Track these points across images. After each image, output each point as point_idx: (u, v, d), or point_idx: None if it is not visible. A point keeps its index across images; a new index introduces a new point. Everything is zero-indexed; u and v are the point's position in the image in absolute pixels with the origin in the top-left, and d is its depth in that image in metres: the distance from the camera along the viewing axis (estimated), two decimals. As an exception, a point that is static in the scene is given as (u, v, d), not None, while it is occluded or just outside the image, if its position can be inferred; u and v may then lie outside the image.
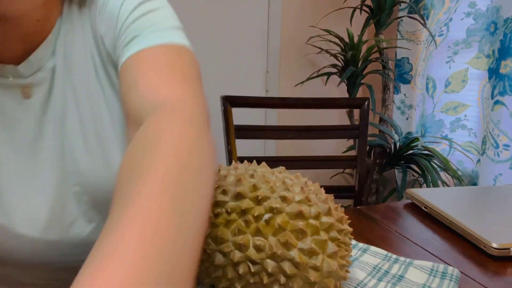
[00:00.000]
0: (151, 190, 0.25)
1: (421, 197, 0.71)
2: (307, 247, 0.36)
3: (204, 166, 0.31)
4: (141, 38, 0.43)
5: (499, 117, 1.49)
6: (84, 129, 0.48)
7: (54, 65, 0.46)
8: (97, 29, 0.47)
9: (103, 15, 0.46)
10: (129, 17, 0.45)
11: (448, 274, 0.48)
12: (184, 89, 0.39)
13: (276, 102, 1.19)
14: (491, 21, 1.58)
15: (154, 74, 0.40)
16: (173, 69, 0.41)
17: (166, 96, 0.37)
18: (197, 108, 0.37)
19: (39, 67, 0.46)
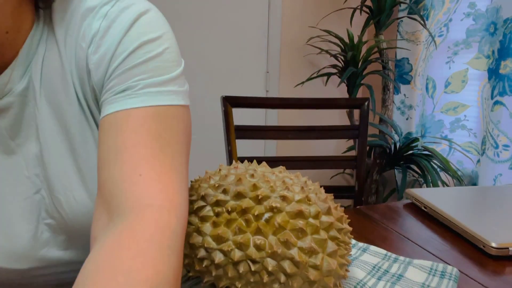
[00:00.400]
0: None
1: (420, 197, 0.71)
2: (307, 246, 0.36)
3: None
4: (134, 94, 0.40)
5: (499, 117, 1.50)
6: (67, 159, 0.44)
7: (25, 88, 0.42)
8: (86, 59, 0.42)
9: (97, 46, 0.41)
10: (126, 60, 0.41)
11: (447, 273, 0.48)
12: (155, 189, 0.35)
13: (276, 102, 1.19)
14: (491, 21, 1.58)
15: (139, 158, 0.37)
16: (152, 148, 0.37)
17: (138, 201, 0.35)
18: (174, 219, 0.34)
19: (7, 92, 0.41)
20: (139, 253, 0.30)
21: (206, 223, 0.39)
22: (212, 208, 0.39)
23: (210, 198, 0.40)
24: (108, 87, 0.41)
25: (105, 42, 0.41)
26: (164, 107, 0.40)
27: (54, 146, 0.43)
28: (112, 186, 0.36)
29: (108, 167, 0.37)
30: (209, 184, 0.41)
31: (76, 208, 0.44)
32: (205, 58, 1.98)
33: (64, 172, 0.44)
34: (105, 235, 0.32)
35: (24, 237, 0.44)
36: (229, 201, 0.39)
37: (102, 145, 0.39)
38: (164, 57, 0.42)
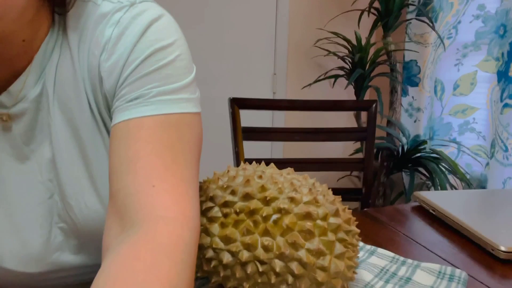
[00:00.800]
0: None
1: (429, 200, 0.71)
2: (315, 247, 0.37)
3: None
4: (146, 102, 0.40)
5: (508, 120, 1.48)
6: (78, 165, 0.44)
7: (39, 94, 0.42)
8: (98, 67, 0.42)
9: (110, 54, 0.41)
10: (138, 67, 0.41)
11: (456, 276, 0.48)
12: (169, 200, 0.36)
13: (283, 104, 1.19)
14: (500, 23, 1.57)
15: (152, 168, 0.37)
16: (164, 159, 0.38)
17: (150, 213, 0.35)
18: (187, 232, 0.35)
19: (21, 98, 0.42)
20: (153, 267, 0.30)
21: (214, 224, 0.39)
22: (220, 209, 0.40)
23: (218, 199, 0.40)
24: (120, 95, 0.41)
25: (117, 49, 0.41)
26: (176, 115, 0.40)
27: (66, 152, 0.44)
28: (125, 197, 0.36)
29: (121, 176, 0.37)
30: (217, 185, 0.42)
31: (87, 213, 0.44)
32: (212, 60, 1.99)
33: (75, 178, 0.44)
34: (118, 245, 0.33)
35: (37, 241, 0.44)
36: (237, 202, 0.39)
37: (114, 154, 0.39)
38: (176, 64, 0.42)
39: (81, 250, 0.47)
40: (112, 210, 0.37)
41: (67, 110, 0.43)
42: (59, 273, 0.47)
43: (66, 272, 0.47)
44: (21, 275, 0.45)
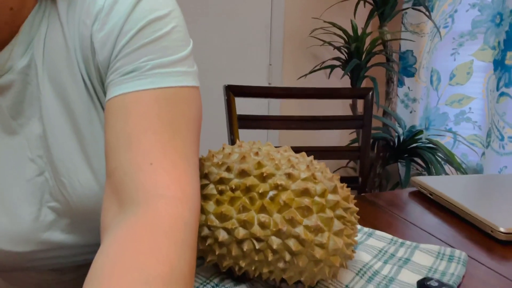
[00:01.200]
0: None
1: (426, 184, 0.70)
2: (313, 224, 0.35)
3: None
4: (142, 75, 0.38)
5: (504, 109, 1.48)
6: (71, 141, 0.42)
7: (26, 65, 0.41)
8: (90, 37, 0.40)
9: (102, 24, 0.40)
10: (133, 39, 0.39)
11: (456, 257, 0.47)
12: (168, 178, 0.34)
13: (279, 92, 1.18)
14: (497, 12, 1.56)
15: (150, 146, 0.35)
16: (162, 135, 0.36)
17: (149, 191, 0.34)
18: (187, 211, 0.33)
19: (8, 69, 0.40)
20: (154, 248, 0.29)
21: (209, 202, 0.38)
22: (215, 186, 0.39)
23: (213, 176, 0.39)
24: (115, 68, 0.39)
25: (110, 19, 0.39)
26: (174, 88, 0.39)
27: (58, 127, 0.42)
28: (122, 175, 0.35)
29: (118, 154, 0.36)
30: (212, 162, 0.40)
31: (80, 191, 0.43)
32: (207, 51, 1.96)
33: (68, 154, 0.42)
34: (117, 226, 0.31)
35: (26, 219, 0.43)
36: (233, 179, 0.38)
37: (110, 130, 0.37)
38: (173, 36, 0.40)
39: (73, 229, 0.45)
40: (109, 189, 0.36)
41: (58, 83, 0.41)
42: (50, 253, 0.46)
43: (58, 251, 0.46)
44: (11, 255, 0.43)
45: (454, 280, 0.43)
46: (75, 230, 0.46)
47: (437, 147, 1.67)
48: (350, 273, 0.43)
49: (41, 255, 0.45)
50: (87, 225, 0.45)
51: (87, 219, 0.44)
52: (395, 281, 0.43)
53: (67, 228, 0.45)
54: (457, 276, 0.44)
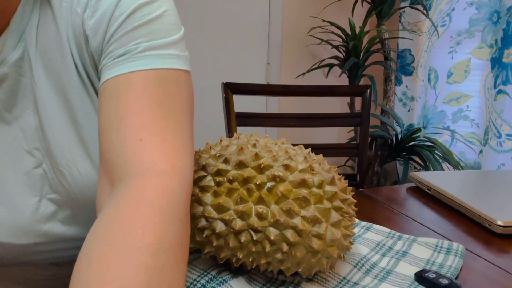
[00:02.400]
0: None
1: (425, 180, 0.70)
2: (310, 215, 0.35)
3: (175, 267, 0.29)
4: (134, 57, 0.38)
5: (502, 106, 1.48)
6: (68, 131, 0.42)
7: (19, 57, 0.40)
8: (82, 25, 0.40)
9: (93, 10, 0.40)
10: (125, 23, 0.39)
11: (453, 249, 0.47)
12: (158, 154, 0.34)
13: (277, 89, 1.18)
14: (494, 10, 1.56)
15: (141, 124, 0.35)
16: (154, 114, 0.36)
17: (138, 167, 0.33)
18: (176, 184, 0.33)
19: (0, 62, 0.40)
20: (138, 220, 0.29)
21: (207, 193, 0.38)
22: (213, 178, 0.38)
23: (210, 168, 0.39)
24: (107, 52, 0.40)
25: (101, 5, 0.40)
26: (166, 70, 0.39)
27: (55, 117, 0.42)
28: (113, 154, 0.35)
29: (110, 135, 0.36)
30: (209, 154, 0.40)
31: (80, 181, 0.43)
32: (206, 50, 1.96)
33: (66, 144, 0.42)
34: (106, 205, 0.31)
35: (26, 211, 0.43)
36: (230, 170, 0.38)
37: (102, 113, 0.37)
38: (164, 19, 0.41)
39: (74, 221, 0.45)
40: (102, 170, 0.36)
41: (53, 73, 0.41)
42: (50, 246, 0.45)
43: (58, 244, 0.46)
44: (11, 247, 0.43)
45: (451, 272, 0.43)
46: (76, 222, 0.45)
47: (435, 145, 1.68)
48: (347, 265, 0.43)
49: (41, 248, 0.45)
50: (87, 217, 0.45)
51: (87, 210, 0.44)
52: (393, 273, 0.43)
53: (68, 220, 0.45)
54: (454, 268, 0.44)
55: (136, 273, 0.26)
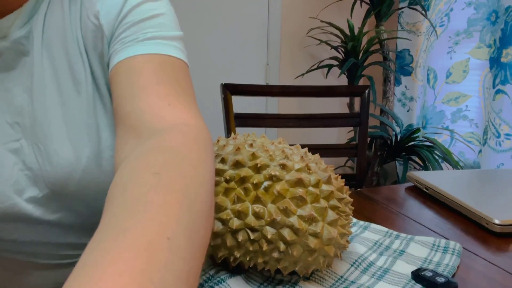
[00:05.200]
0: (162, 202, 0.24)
1: (422, 179, 0.70)
2: (307, 214, 0.36)
3: (207, 183, 0.30)
4: (146, 43, 0.42)
5: (501, 106, 1.49)
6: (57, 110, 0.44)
7: (24, 36, 0.43)
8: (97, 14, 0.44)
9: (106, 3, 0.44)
10: (132, 13, 0.44)
11: (450, 248, 0.48)
12: (187, 114, 0.38)
13: (276, 90, 1.18)
14: (492, 10, 1.57)
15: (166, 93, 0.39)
16: (174, 88, 0.40)
17: (170, 121, 0.36)
18: (201, 131, 0.36)
19: (2, 36, 0.43)
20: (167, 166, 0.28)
21: (204, 193, 0.38)
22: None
23: (208, 168, 0.39)
24: (118, 39, 0.43)
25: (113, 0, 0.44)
26: (175, 58, 0.43)
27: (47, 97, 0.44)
28: (141, 114, 0.37)
29: (132, 100, 0.39)
30: (207, 155, 0.40)
31: (55, 159, 0.44)
32: (205, 51, 1.97)
33: (49, 122, 0.44)
34: (135, 150, 0.32)
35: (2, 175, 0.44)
36: (227, 170, 0.38)
37: (120, 86, 0.40)
38: (167, 17, 0.45)
39: (43, 202, 0.46)
40: (124, 130, 0.38)
41: (53, 57, 0.44)
42: (18, 223, 0.46)
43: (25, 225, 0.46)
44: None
45: (448, 271, 0.43)
46: (45, 203, 0.46)
47: (434, 145, 1.68)
48: (345, 264, 0.43)
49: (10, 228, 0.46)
50: (54, 200, 0.46)
51: (56, 192, 0.45)
52: (390, 271, 0.43)
53: (37, 200, 0.45)
54: (451, 266, 0.44)
55: None
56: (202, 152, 0.32)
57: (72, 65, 0.45)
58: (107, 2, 0.44)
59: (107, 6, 0.44)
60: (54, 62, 0.44)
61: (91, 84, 0.45)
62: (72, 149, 0.44)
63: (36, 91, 0.44)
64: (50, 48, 0.44)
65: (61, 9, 0.44)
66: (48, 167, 0.44)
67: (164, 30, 0.44)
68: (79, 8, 0.45)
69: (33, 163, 0.44)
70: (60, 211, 0.47)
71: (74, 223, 0.48)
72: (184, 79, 0.42)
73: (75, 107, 0.45)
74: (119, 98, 0.40)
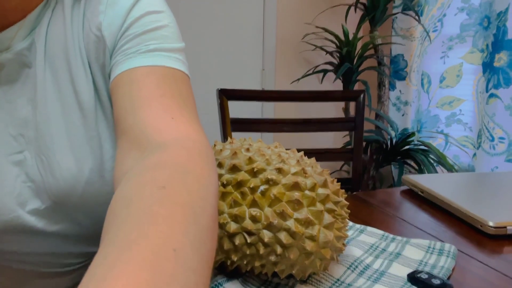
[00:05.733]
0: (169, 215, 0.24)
1: (417, 183, 0.71)
2: (303, 217, 0.36)
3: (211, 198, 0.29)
4: (148, 54, 0.42)
5: (494, 110, 1.50)
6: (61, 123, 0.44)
7: (26, 47, 0.43)
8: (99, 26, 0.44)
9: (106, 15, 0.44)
10: (135, 25, 0.44)
11: (445, 250, 0.48)
12: (189, 128, 0.38)
13: (272, 95, 1.19)
14: (484, 15, 1.59)
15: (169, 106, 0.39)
16: (177, 100, 0.40)
17: (173, 135, 0.36)
18: (205, 146, 0.35)
19: (5, 48, 0.43)
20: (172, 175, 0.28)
21: (201, 197, 0.38)
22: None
23: (205, 172, 0.39)
24: (121, 50, 0.44)
25: (115, 12, 0.44)
26: (178, 71, 0.43)
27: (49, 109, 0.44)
28: (144, 127, 0.37)
29: (135, 113, 0.38)
30: (203, 159, 0.41)
31: (58, 171, 0.44)
32: (201, 56, 1.97)
33: (52, 134, 0.44)
34: (138, 163, 0.32)
35: (4, 188, 0.43)
36: (224, 174, 0.39)
37: (122, 98, 0.40)
38: (169, 29, 0.45)
39: (46, 213, 0.46)
40: (126, 143, 0.38)
41: (55, 69, 0.44)
42: (20, 235, 0.45)
43: (28, 236, 0.46)
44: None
45: (443, 273, 0.44)
46: (47, 215, 0.46)
47: (429, 149, 1.69)
48: (341, 267, 0.43)
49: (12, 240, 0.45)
50: (58, 211, 0.46)
51: (61, 204, 0.45)
52: (386, 274, 0.43)
53: (40, 212, 0.45)
54: (446, 268, 0.44)
55: None
56: (206, 167, 0.32)
57: (74, 77, 0.44)
58: (110, 14, 0.44)
59: (109, 18, 0.44)
60: (56, 73, 0.44)
61: (93, 95, 0.45)
62: (74, 161, 0.44)
63: (39, 103, 0.44)
64: (53, 60, 0.44)
65: (63, 21, 0.45)
66: (51, 179, 0.44)
67: (167, 42, 0.44)
68: (82, 19, 0.45)
69: (36, 175, 0.44)
70: (62, 222, 0.47)
71: (75, 233, 0.48)
72: (187, 91, 0.42)
73: (77, 119, 0.45)
74: (121, 109, 0.40)
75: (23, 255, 0.47)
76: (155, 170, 0.29)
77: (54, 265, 0.50)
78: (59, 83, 0.44)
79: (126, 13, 0.44)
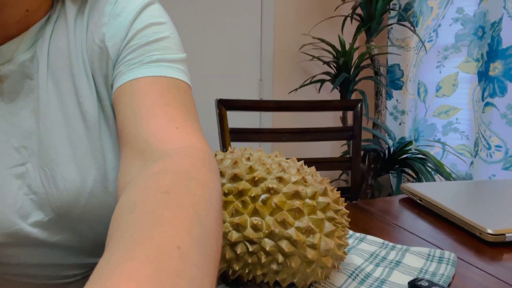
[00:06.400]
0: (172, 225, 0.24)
1: (416, 191, 0.71)
2: (304, 225, 0.36)
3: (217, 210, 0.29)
4: (150, 65, 0.43)
5: (490, 118, 1.52)
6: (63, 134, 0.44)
7: (29, 59, 0.44)
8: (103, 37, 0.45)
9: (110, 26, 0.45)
10: (138, 36, 0.44)
11: (445, 258, 0.48)
12: (193, 138, 0.38)
13: (270, 105, 1.20)
14: (479, 25, 1.61)
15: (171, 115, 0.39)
16: (181, 110, 0.40)
17: (178, 144, 0.36)
18: (208, 156, 0.36)
19: (7, 60, 0.43)
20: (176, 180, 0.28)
21: (203, 206, 0.39)
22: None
23: (206, 181, 0.40)
24: (124, 61, 0.44)
25: (118, 23, 0.45)
26: (181, 81, 0.43)
27: (52, 120, 0.45)
28: (147, 136, 0.37)
29: (139, 122, 0.39)
30: (205, 169, 0.41)
31: (61, 183, 0.44)
32: (199, 67, 1.99)
33: (55, 145, 0.44)
34: (142, 174, 0.32)
35: (6, 202, 0.43)
36: (225, 183, 0.39)
37: (125, 107, 0.41)
38: (171, 40, 0.46)
39: (48, 226, 0.45)
40: (130, 153, 0.38)
41: (58, 81, 0.45)
42: (22, 248, 0.45)
43: (30, 249, 0.46)
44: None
45: (444, 280, 0.44)
46: (50, 227, 0.46)
47: (427, 158, 1.70)
48: (342, 275, 0.43)
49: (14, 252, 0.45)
50: (62, 222, 0.45)
51: (64, 216, 0.45)
52: (387, 282, 0.43)
53: (43, 224, 0.45)
54: (447, 276, 0.45)
55: None
56: (209, 174, 0.32)
57: (77, 88, 0.45)
58: (113, 26, 0.45)
59: (112, 29, 0.45)
60: (59, 85, 0.45)
61: (96, 106, 0.45)
62: (78, 172, 0.44)
63: (42, 115, 0.44)
64: (55, 71, 0.45)
65: (66, 33, 0.45)
66: (54, 191, 0.44)
67: (169, 53, 0.45)
68: (85, 31, 0.45)
69: (39, 187, 0.44)
70: (64, 233, 0.47)
71: (77, 244, 0.48)
72: (189, 101, 0.43)
73: (80, 130, 0.45)
74: (124, 119, 0.40)
75: (24, 268, 0.47)
76: (158, 176, 0.29)
77: (54, 277, 0.50)
78: (62, 95, 0.45)
79: (129, 24, 0.45)
